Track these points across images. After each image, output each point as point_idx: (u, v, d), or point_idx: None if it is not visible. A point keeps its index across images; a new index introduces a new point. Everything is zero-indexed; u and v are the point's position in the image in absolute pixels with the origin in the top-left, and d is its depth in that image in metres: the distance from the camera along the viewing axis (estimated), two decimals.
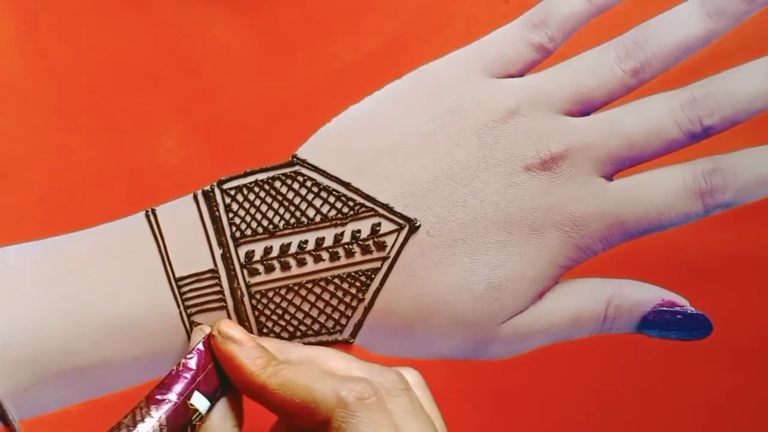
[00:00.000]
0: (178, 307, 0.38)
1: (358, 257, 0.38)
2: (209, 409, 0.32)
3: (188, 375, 0.32)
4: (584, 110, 0.39)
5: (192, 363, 0.33)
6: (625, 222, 0.38)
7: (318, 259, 0.38)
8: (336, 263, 0.38)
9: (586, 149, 0.38)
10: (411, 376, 0.34)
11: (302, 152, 0.39)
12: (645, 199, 0.38)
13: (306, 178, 0.38)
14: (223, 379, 0.33)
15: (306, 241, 0.38)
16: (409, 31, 0.39)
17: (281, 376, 0.31)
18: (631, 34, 0.38)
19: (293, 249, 0.38)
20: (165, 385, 0.32)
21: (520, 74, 0.39)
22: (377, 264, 0.38)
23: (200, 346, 0.34)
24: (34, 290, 0.38)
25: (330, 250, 0.38)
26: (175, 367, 0.33)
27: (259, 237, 0.38)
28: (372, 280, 0.38)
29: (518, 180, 0.38)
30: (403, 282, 0.38)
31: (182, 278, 0.38)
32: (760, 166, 0.38)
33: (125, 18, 0.39)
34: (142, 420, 0.30)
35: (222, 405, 0.33)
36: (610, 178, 0.39)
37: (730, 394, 0.39)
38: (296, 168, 0.38)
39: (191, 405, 0.31)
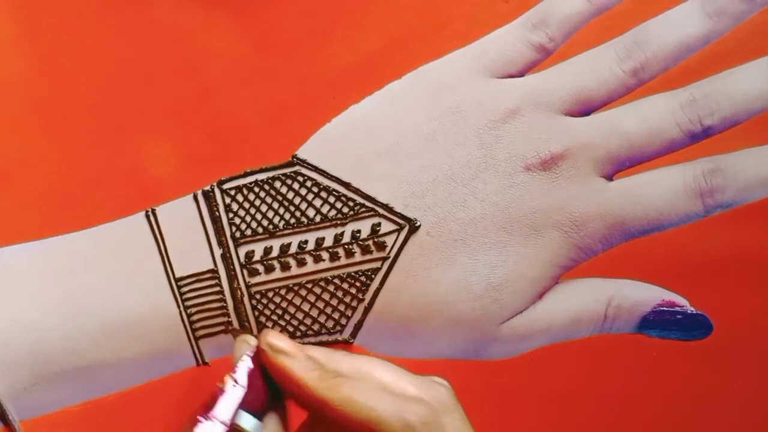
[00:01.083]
0: (178, 307, 0.38)
1: (358, 257, 0.38)
2: (257, 426, 0.31)
3: (235, 395, 0.31)
4: (584, 110, 0.39)
5: (240, 380, 0.31)
6: (625, 222, 0.38)
7: (318, 259, 0.38)
8: (336, 263, 0.38)
9: (586, 149, 0.38)
10: (444, 387, 0.34)
11: (302, 152, 0.39)
12: (645, 199, 0.38)
13: (306, 178, 0.38)
14: (271, 392, 0.33)
15: (306, 241, 0.38)
16: (409, 31, 0.39)
17: (341, 391, 0.31)
18: (631, 34, 0.38)
19: (293, 249, 0.38)
20: (211, 407, 0.30)
21: (520, 74, 0.39)
22: (377, 264, 0.38)
23: (248, 362, 0.32)
24: (34, 290, 0.38)
25: (330, 250, 0.38)
26: (220, 386, 0.31)
27: (259, 237, 0.38)
28: (372, 280, 0.38)
29: (518, 180, 0.38)
30: (403, 282, 0.38)
31: (182, 278, 0.38)
32: (760, 166, 0.38)
33: (125, 19, 0.39)
34: None
35: (272, 421, 0.32)
36: (610, 178, 0.39)
37: (730, 394, 0.39)
38: (296, 168, 0.38)
39: (238, 426, 0.30)
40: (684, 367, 0.39)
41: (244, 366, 0.32)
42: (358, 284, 0.38)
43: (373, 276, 0.38)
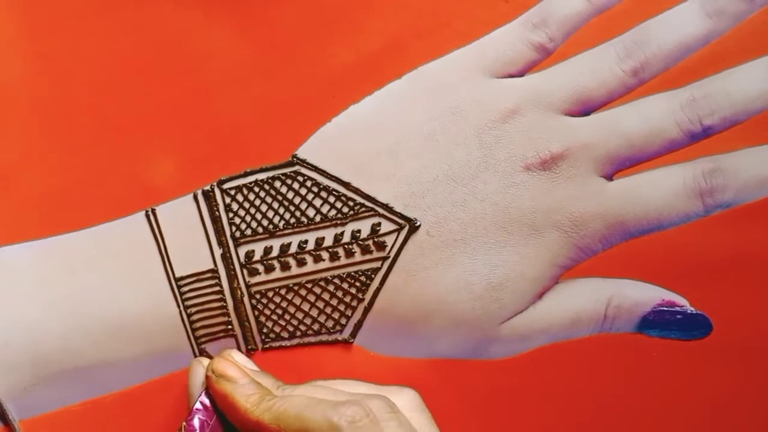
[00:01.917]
0: (178, 306, 0.38)
1: (358, 257, 0.38)
2: None
3: None
4: (584, 110, 0.39)
5: (194, 422, 0.32)
6: (625, 222, 0.38)
7: (318, 259, 0.38)
8: (336, 263, 0.38)
9: (586, 149, 0.38)
10: (408, 397, 0.34)
11: (302, 152, 0.39)
12: (645, 199, 0.38)
13: (306, 178, 0.38)
14: (226, 424, 0.33)
15: (306, 241, 0.38)
16: (409, 31, 0.39)
17: (274, 410, 0.31)
18: (631, 34, 0.38)
19: (293, 249, 0.38)
20: None
21: (520, 74, 0.39)
22: (377, 264, 0.38)
23: (203, 399, 0.33)
24: (34, 290, 0.38)
25: (330, 250, 0.38)
26: (178, 431, 0.32)
27: (259, 237, 0.38)
28: (372, 280, 0.38)
29: (518, 180, 0.38)
30: (402, 282, 0.38)
31: (182, 278, 0.38)
32: (760, 166, 0.38)
33: (125, 19, 0.39)
34: None
35: None
36: (610, 178, 0.39)
37: (730, 394, 0.39)
38: (296, 168, 0.38)
39: None
40: (684, 367, 0.39)
41: (198, 409, 0.32)
42: (358, 284, 0.38)
43: (373, 276, 0.38)
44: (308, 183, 0.38)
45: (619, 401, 0.39)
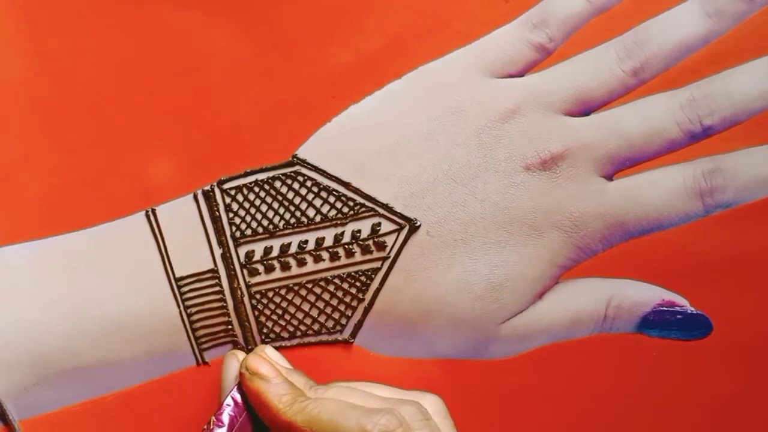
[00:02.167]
0: (178, 306, 0.38)
1: (358, 257, 0.38)
2: None
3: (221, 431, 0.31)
4: (584, 110, 0.39)
5: (224, 416, 0.32)
6: (625, 222, 0.38)
7: (318, 259, 0.38)
8: (336, 263, 0.38)
9: (586, 149, 0.38)
10: (431, 403, 0.34)
11: (302, 152, 0.39)
12: (645, 199, 0.38)
13: (306, 178, 0.38)
14: (256, 423, 0.33)
15: (306, 241, 0.38)
16: (409, 31, 0.39)
17: (307, 413, 0.31)
18: (631, 34, 0.38)
19: (293, 249, 0.38)
20: None
21: (520, 74, 0.39)
22: (377, 264, 0.38)
23: (235, 394, 0.33)
24: (34, 290, 0.38)
25: (330, 250, 0.38)
26: (207, 424, 0.32)
27: (259, 237, 0.38)
28: (372, 280, 0.38)
29: (518, 180, 0.38)
30: (403, 282, 0.38)
31: (182, 278, 0.38)
32: (760, 166, 0.38)
33: (125, 18, 0.39)
34: None
35: None
36: (610, 178, 0.39)
37: (730, 394, 0.39)
38: (296, 168, 0.38)
39: None
40: (684, 367, 0.39)
41: (229, 404, 0.32)
42: (358, 284, 0.38)
43: (373, 276, 0.38)
44: (308, 183, 0.38)
45: (619, 401, 0.39)
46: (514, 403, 0.39)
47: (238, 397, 0.32)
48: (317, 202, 0.38)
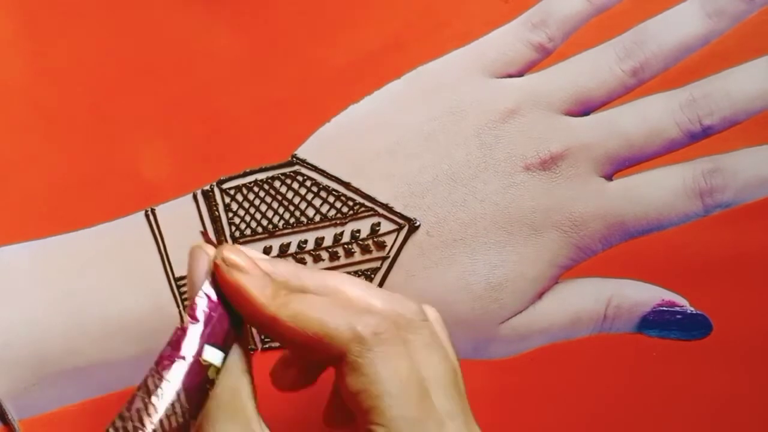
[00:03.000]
0: (178, 306, 0.38)
1: (357, 257, 0.38)
2: (224, 359, 0.29)
3: (196, 328, 0.29)
4: (584, 110, 0.39)
5: (198, 312, 0.29)
6: (624, 222, 0.38)
7: (317, 258, 0.38)
8: (335, 263, 0.38)
9: (586, 149, 0.38)
10: (430, 312, 0.32)
11: (302, 152, 0.39)
12: (645, 199, 0.38)
13: (305, 177, 0.38)
14: (232, 317, 0.30)
15: (305, 241, 0.38)
16: (409, 31, 0.39)
17: (292, 307, 0.28)
18: (631, 34, 0.38)
19: (293, 249, 0.38)
20: (173, 345, 0.28)
21: (520, 74, 0.39)
22: (377, 264, 0.38)
23: (207, 288, 0.29)
24: (34, 290, 0.38)
25: (329, 249, 0.38)
26: (180, 322, 0.29)
27: (258, 237, 0.38)
28: (371, 279, 0.38)
29: (518, 180, 0.38)
30: (402, 282, 0.38)
31: (182, 278, 0.38)
32: (760, 165, 0.38)
33: (125, 19, 0.39)
34: (157, 387, 0.27)
35: (234, 349, 0.30)
36: (609, 178, 0.39)
37: (730, 394, 0.39)
38: (296, 168, 0.38)
39: (205, 361, 0.28)
40: (684, 367, 0.39)
41: (202, 300, 0.29)
42: None
43: (372, 276, 0.38)
44: (308, 183, 0.38)
45: (619, 401, 0.39)
46: (514, 403, 0.39)
47: (211, 292, 0.29)
48: (317, 202, 0.38)
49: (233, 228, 0.38)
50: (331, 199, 0.38)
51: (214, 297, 0.29)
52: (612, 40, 0.39)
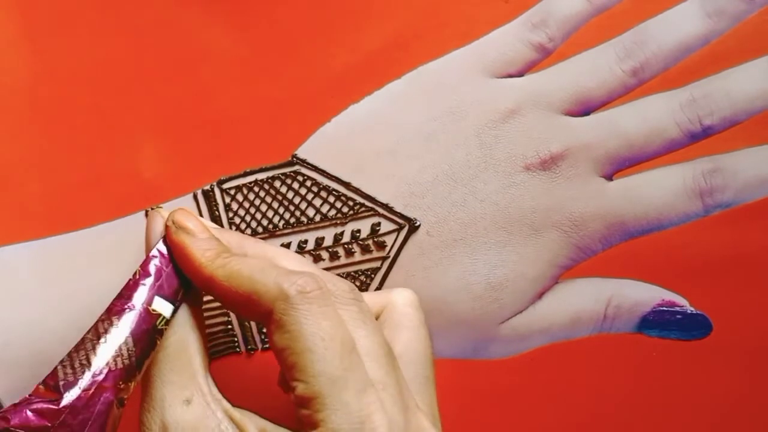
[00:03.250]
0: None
1: (357, 257, 0.38)
2: (174, 312, 0.30)
3: (147, 281, 0.30)
4: (584, 110, 0.39)
5: (150, 267, 0.31)
6: (624, 222, 0.38)
7: (317, 258, 0.38)
8: (336, 263, 0.38)
9: (586, 149, 0.38)
10: (402, 296, 0.32)
11: (302, 152, 0.39)
12: (645, 199, 0.38)
13: (306, 177, 0.38)
14: (183, 276, 0.31)
15: (306, 241, 0.38)
16: (409, 30, 0.39)
17: (228, 268, 0.29)
18: (631, 34, 0.38)
19: (293, 248, 0.38)
20: (125, 295, 0.30)
21: (520, 74, 0.39)
22: (377, 264, 0.38)
23: (160, 246, 0.31)
24: (34, 290, 0.38)
25: (330, 249, 0.38)
26: (133, 275, 0.31)
27: (258, 236, 0.38)
28: (372, 279, 0.38)
29: (518, 180, 0.38)
30: (402, 282, 0.38)
31: None
32: (760, 165, 0.38)
33: (124, 18, 0.39)
34: (106, 332, 0.29)
35: (184, 305, 0.31)
36: (609, 178, 0.39)
37: (730, 394, 0.39)
38: (296, 168, 0.38)
39: (154, 311, 0.30)
40: (684, 367, 0.39)
41: (155, 256, 0.31)
42: (357, 284, 0.38)
43: (372, 275, 0.38)
44: (308, 183, 0.38)
45: (618, 401, 0.39)
46: (514, 403, 0.39)
47: (164, 250, 0.31)
48: (317, 202, 0.38)
49: (233, 228, 0.38)
50: (331, 199, 0.38)
51: (165, 253, 0.31)
52: (612, 40, 0.39)
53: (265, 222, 0.38)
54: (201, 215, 0.38)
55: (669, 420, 0.39)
